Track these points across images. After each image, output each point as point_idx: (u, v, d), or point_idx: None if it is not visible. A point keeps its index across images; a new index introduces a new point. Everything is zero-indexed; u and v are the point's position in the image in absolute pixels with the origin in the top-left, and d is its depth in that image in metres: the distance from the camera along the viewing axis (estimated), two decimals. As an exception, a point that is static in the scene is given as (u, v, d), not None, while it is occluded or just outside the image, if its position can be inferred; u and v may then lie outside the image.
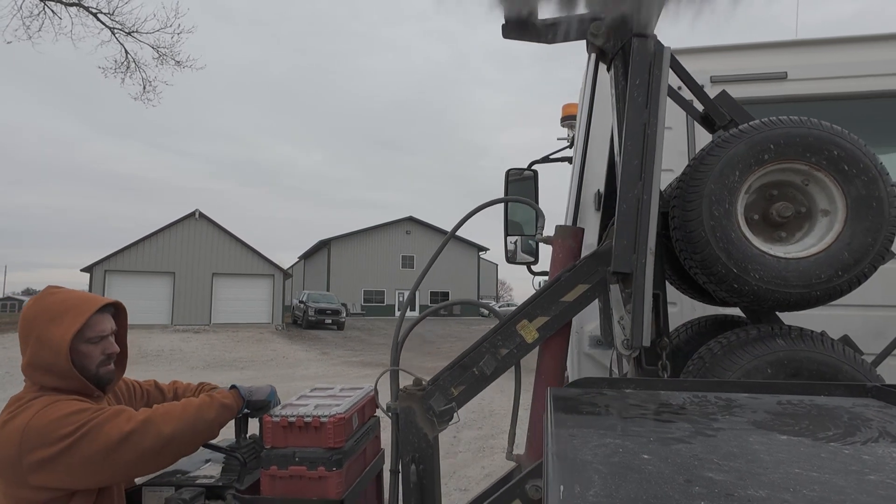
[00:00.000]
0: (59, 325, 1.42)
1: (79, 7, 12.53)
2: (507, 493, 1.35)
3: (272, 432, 1.54)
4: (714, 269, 1.33)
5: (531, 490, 1.33)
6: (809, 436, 0.85)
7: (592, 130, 1.71)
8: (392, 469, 1.48)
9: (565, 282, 1.41)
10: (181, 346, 16.80)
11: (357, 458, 1.66)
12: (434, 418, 1.42)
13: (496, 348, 1.42)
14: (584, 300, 1.42)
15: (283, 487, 1.50)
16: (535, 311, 1.42)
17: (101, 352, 1.50)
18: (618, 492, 0.61)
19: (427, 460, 1.44)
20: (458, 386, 1.42)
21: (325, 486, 1.48)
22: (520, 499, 1.33)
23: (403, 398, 1.44)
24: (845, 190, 1.30)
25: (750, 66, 2.32)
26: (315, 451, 1.51)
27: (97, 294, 2.25)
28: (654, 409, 1.02)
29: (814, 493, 0.62)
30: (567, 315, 1.42)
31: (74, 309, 1.46)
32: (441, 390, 1.43)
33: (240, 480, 1.56)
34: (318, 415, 1.54)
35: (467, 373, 1.42)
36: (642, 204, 1.30)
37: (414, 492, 1.42)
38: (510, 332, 1.42)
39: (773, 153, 1.32)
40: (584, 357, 2.38)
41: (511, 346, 1.42)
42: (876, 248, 1.29)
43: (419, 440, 1.43)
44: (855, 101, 2.25)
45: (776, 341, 1.35)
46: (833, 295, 1.32)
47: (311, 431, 1.52)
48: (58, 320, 1.43)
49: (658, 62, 1.37)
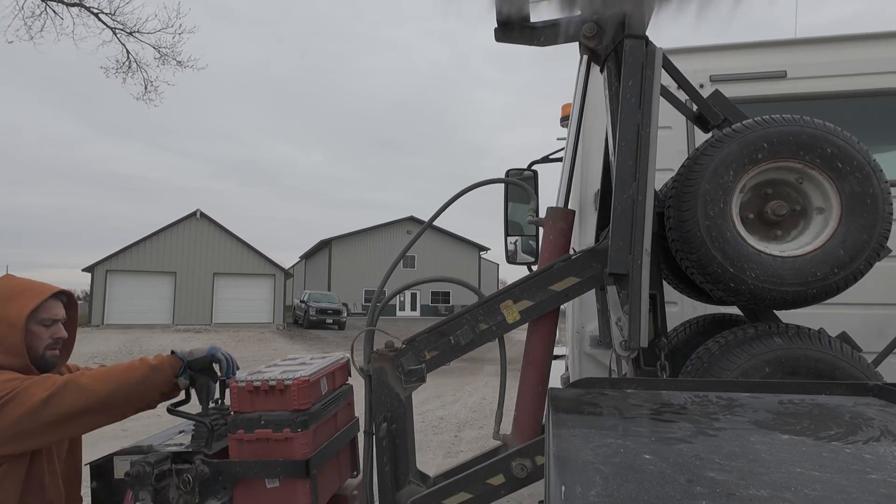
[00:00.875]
0: (16, 303, 1.52)
1: (80, 7, 12.55)
2: (492, 466, 1.38)
3: (238, 397, 1.55)
4: (710, 269, 1.33)
5: (517, 468, 1.35)
6: (811, 435, 0.84)
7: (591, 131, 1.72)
8: (366, 430, 1.50)
9: (557, 271, 1.42)
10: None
11: (326, 421, 1.68)
12: (402, 376, 1.45)
13: (476, 321, 1.44)
14: (572, 293, 1.43)
15: (251, 451, 1.52)
16: (521, 293, 1.42)
17: (51, 335, 1.59)
18: (619, 492, 0.61)
19: (399, 419, 1.46)
20: (431, 350, 1.45)
21: (291, 447, 1.51)
22: (503, 474, 1.35)
23: (375, 359, 1.47)
24: (839, 187, 1.31)
25: (749, 65, 2.33)
26: (281, 414, 1.53)
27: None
28: (656, 409, 1.02)
29: (815, 492, 0.61)
30: (552, 304, 1.43)
31: (31, 290, 1.57)
32: (414, 351, 1.46)
33: (208, 446, 1.58)
34: (283, 378, 1.55)
35: (443, 340, 1.45)
36: (637, 205, 1.30)
37: (387, 450, 1.45)
38: (493, 308, 1.43)
39: (766, 152, 1.33)
40: (585, 357, 2.38)
41: (491, 323, 1.43)
42: (871, 245, 1.30)
43: (391, 400, 1.46)
44: (854, 100, 2.26)
45: (774, 340, 1.35)
46: (829, 292, 1.33)
47: (276, 395, 1.54)
48: (15, 299, 1.53)
49: (650, 63, 1.38)
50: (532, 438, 1.43)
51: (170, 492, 1.47)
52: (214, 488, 1.51)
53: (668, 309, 2.06)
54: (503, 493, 1.38)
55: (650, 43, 1.40)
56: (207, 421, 1.61)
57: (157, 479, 1.43)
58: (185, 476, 1.47)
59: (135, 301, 23.79)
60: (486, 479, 1.36)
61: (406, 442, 1.48)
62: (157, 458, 1.47)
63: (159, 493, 1.44)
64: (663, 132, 2.25)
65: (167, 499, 1.46)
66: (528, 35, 1.53)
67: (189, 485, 1.47)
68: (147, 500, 1.42)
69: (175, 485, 1.47)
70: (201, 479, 1.49)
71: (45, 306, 1.57)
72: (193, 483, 1.48)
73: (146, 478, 1.42)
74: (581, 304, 2.40)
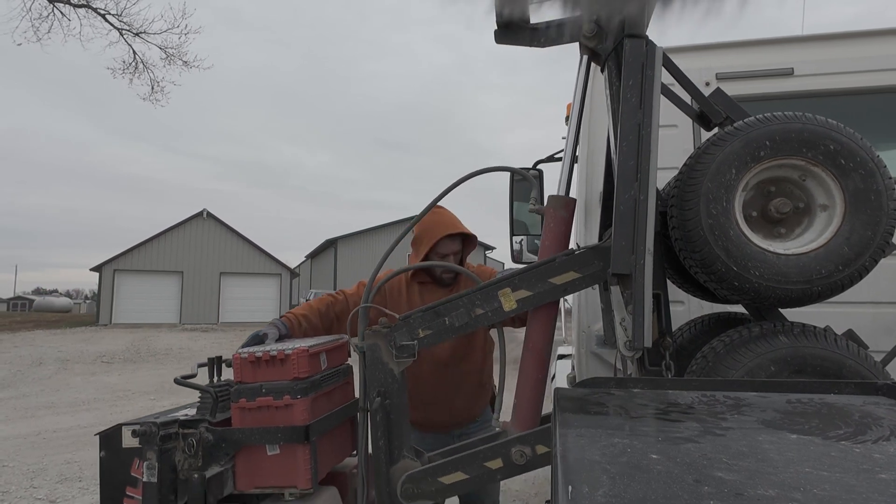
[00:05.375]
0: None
1: (87, 8, 12.69)
2: (492, 450, 1.39)
3: (240, 368, 1.61)
4: (714, 268, 1.33)
5: (516, 454, 1.36)
6: (819, 434, 0.84)
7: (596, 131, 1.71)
8: (360, 406, 1.52)
9: (559, 264, 1.42)
10: (189, 344, 16.75)
11: (325, 393, 1.72)
12: (393, 350, 1.46)
13: (472, 305, 1.44)
14: (572, 287, 1.42)
15: (252, 419, 1.58)
16: (521, 282, 1.42)
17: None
18: (626, 492, 0.61)
19: (393, 395, 1.48)
20: (425, 329, 1.47)
21: (291, 413, 1.55)
22: (502, 458, 1.37)
23: (370, 336, 1.49)
24: (843, 184, 1.30)
25: (756, 63, 2.32)
26: (281, 382, 1.57)
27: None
28: (663, 408, 1.01)
29: (824, 492, 0.61)
30: (549, 296, 1.42)
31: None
32: (409, 328, 1.47)
33: (212, 414, 1.63)
34: (283, 349, 1.61)
35: (438, 320, 1.46)
36: (639, 204, 1.30)
37: (381, 424, 1.46)
38: (491, 294, 1.44)
39: (769, 150, 1.32)
40: (591, 356, 2.37)
41: (487, 308, 1.44)
42: (876, 242, 1.29)
43: (385, 375, 1.48)
44: (862, 97, 2.25)
45: (779, 338, 1.34)
46: (834, 290, 1.32)
47: (276, 365, 1.59)
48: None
49: (651, 62, 1.37)
50: (531, 426, 1.43)
51: (175, 455, 1.52)
52: (217, 454, 1.56)
53: (675, 308, 2.06)
54: (499, 478, 1.40)
55: (650, 42, 1.40)
56: (212, 390, 1.66)
57: (162, 441, 1.48)
58: (189, 440, 1.52)
59: (142, 300, 23.94)
60: (485, 462, 1.38)
61: (400, 417, 1.49)
62: (164, 422, 1.52)
63: (164, 454, 1.48)
64: (668, 131, 2.26)
65: (172, 461, 1.51)
66: (528, 36, 1.53)
67: (193, 448, 1.52)
68: (153, 460, 1.47)
69: (181, 448, 1.52)
70: (205, 445, 1.54)
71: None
72: (197, 447, 1.52)
73: (152, 437, 1.47)
74: (587, 304, 2.40)
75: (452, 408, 2.27)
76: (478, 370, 2.30)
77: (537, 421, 1.47)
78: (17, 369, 11.03)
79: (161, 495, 1.46)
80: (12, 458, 5.13)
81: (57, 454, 5.23)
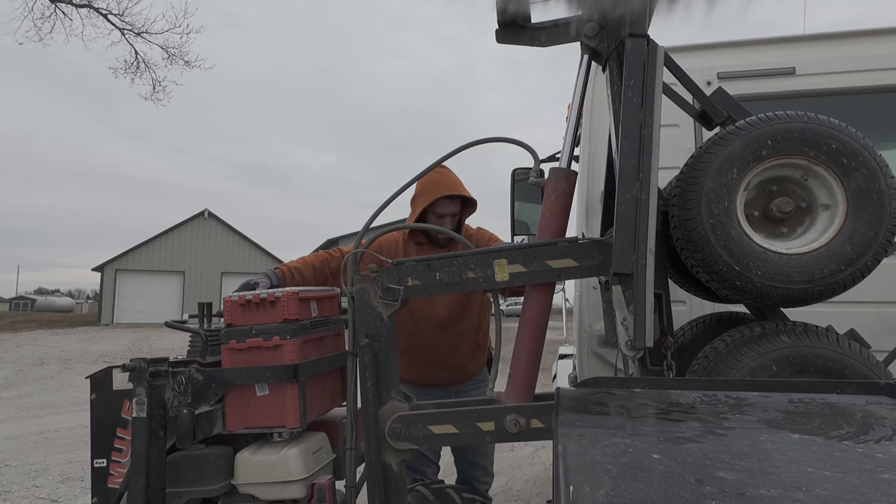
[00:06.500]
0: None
1: (89, 8, 12.74)
2: (487, 412, 1.41)
3: (230, 311, 1.62)
4: (715, 268, 1.33)
5: (510, 422, 1.37)
6: (822, 434, 0.84)
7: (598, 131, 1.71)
8: (349, 351, 1.53)
9: (559, 248, 1.41)
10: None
11: (314, 339, 1.72)
12: (379, 290, 1.47)
13: (465, 267, 1.45)
14: (566, 274, 1.42)
15: (242, 359, 1.58)
16: (517, 256, 1.42)
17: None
18: (628, 492, 0.61)
19: (382, 337, 1.49)
20: (415, 279, 1.47)
21: (280, 353, 1.56)
22: (495, 423, 1.38)
23: (358, 280, 1.50)
24: (845, 183, 1.30)
25: (757, 62, 2.31)
26: (271, 325, 1.59)
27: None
28: (664, 408, 1.01)
29: (826, 491, 0.61)
30: (542, 277, 1.42)
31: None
32: (399, 273, 1.47)
33: (202, 355, 1.64)
34: (273, 292, 1.61)
35: (429, 273, 1.46)
36: (641, 204, 1.30)
37: (369, 366, 1.47)
38: (486, 261, 1.44)
39: (770, 149, 1.32)
40: (593, 356, 2.37)
41: (479, 274, 1.44)
42: (878, 241, 1.29)
43: (373, 319, 1.49)
44: (864, 96, 2.24)
45: (781, 338, 1.34)
46: (837, 289, 1.32)
47: (266, 308, 1.60)
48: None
49: (652, 61, 1.37)
50: (525, 397, 1.44)
51: (164, 392, 1.52)
52: (206, 394, 1.57)
53: (677, 308, 2.05)
54: (487, 440, 1.41)
55: (652, 41, 1.39)
56: (203, 332, 1.67)
57: (151, 377, 1.48)
58: (179, 378, 1.53)
59: (144, 300, 24.00)
60: (477, 422, 1.39)
61: (388, 360, 1.49)
62: (154, 360, 1.53)
63: (154, 391, 1.49)
64: (670, 130, 2.25)
65: (162, 399, 1.51)
66: (529, 36, 1.53)
67: (182, 386, 1.53)
68: (142, 395, 1.47)
69: (170, 386, 1.53)
70: (194, 384, 1.55)
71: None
72: (186, 384, 1.54)
73: (142, 373, 1.47)
74: (588, 304, 2.40)
75: (450, 366, 2.30)
76: (474, 330, 2.33)
77: (531, 392, 1.47)
78: (20, 369, 11.07)
79: (150, 430, 1.46)
80: (14, 457, 5.14)
81: (59, 453, 5.24)
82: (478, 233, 2.42)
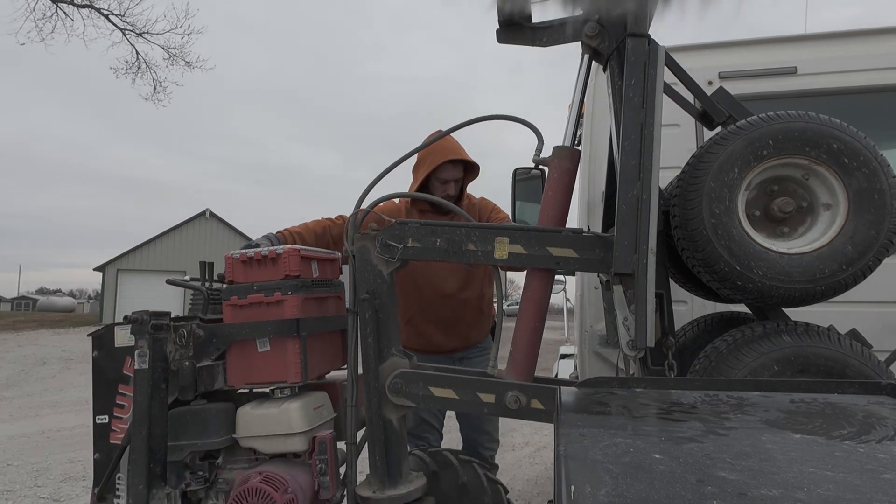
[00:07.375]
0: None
1: (90, 8, 12.76)
2: (489, 384, 1.41)
3: (232, 268, 1.61)
4: (717, 267, 1.33)
5: (510, 399, 1.37)
6: (823, 434, 0.84)
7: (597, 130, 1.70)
8: (349, 309, 1.53)
9: (562, 237, 1.41)
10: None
11: (316, 298, 1.71)
12: (378, 246, 1.48)
13: (467, 238, 1.45)
14: (565, 263, 1.42)
15: (243, 315, 1.58)
16: (520, 238, 1.42)
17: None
18: (629, 492, 0.61)
19: (382, 294, 1.49)
20: (415, 241, 1.47)
21: (281, 309, 1.55)
22: (495, 396, 1.39)
23: (359, 239, 1.50)
24: (846, 183, 1.30)
25: (758, 62, 2.31)
26: (273, 281, 1.58)
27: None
28: (665, 408, 1.01)
29: (828, 492, 0.61)
30: (541, 262, 1.42)
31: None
32: (400, 232, 1.47)
33: (203, 311, 1.64)
34: (275, 248, 1.61)
35: (430, 238, 1.47)
36: (642, 204, 1.30)
37: (369, 322, 1.47)
38: (488, 237, 1.44)
39: (771, 149, 1.32)
40: (594, 356, 2.37)
41: (479, 248, 1.44)
42: (880, 241, 1.28)
43: (374, 276, 1.49)
44: (866, 96, 2.24)
45: (782, 338, 1.34)
46: (838, 289, 1.32)
47: (268, 265, 1.59)
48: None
49: (653, 61, 1.37)
50: (527, 374, 1.44)
51: (166, 346, 1.52)
52: (208, 349, 1.57)
53: (678, 308, 2.05)
54: (486, 412, 1.42)
55: (653, 41, 1.39)
56: (204, 289, 1.67)
57: (154, 329, 1.48)
58: (181, 331, 1.53)
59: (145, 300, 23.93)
60: (478, 392, 1.40)
61: (389, 318, 1.50)
62: (156, 312, 1.53)
63: (156, 343, 1.49)
64: (671, 130, 2.25)
65: (163, 352, 1.51)
66: (529, 36, 1.53)
67: (184, 339, 1.53)
68: (144, 348, 1.47)
69: (172, 339, 1.53)
70: (196, 340, 1.55)
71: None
72: (188, 338, 1.53)
73: (144, 325, 1.47)
74: (589, 304, 2.40)
75: (454, 332, 2.31)
76: (478, 297, 2.34)
77: (532, 370, 1.47)
78: (21, 368, 11.09)
79: (153, 382, 1.46)
80: (16, 457, 5.15)
81: (61, 453, 5.25)
82: (481, 202, 2.41)
